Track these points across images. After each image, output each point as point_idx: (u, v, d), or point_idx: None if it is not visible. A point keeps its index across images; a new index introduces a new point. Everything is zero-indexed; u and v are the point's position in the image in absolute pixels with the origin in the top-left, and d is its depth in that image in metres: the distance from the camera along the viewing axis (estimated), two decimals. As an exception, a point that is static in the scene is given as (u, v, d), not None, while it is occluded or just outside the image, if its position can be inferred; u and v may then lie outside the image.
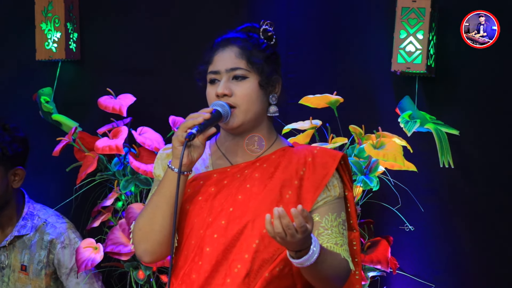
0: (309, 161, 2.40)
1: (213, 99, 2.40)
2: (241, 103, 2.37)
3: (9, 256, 3.39)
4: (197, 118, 2.30)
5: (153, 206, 2.37)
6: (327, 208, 2.39)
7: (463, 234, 3.37)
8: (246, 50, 2.40)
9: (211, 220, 2.36)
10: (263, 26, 2.48)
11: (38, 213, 3.43)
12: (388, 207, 3.35)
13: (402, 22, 3.27)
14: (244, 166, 2.42)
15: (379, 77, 3.43)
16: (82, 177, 3.42)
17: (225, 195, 2.38)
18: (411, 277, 3.39)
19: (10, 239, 3.38)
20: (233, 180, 2.41)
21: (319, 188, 2.37)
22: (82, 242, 3.36)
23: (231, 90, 2.37)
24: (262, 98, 2.41)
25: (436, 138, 3.26)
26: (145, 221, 2.38)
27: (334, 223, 2.38)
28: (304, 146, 2.49)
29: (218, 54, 2.41)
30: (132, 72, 3.72)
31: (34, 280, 3.39)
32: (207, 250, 2.34)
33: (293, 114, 3.39)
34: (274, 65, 2.45)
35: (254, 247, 2.32)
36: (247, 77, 2.39)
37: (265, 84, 2.41)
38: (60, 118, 3.72)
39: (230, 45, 2.41)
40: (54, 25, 3.71)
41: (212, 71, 2.41)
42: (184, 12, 3.67)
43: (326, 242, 2.35)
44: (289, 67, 3.50)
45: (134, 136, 3.41)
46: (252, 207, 2.35)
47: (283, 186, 2.37)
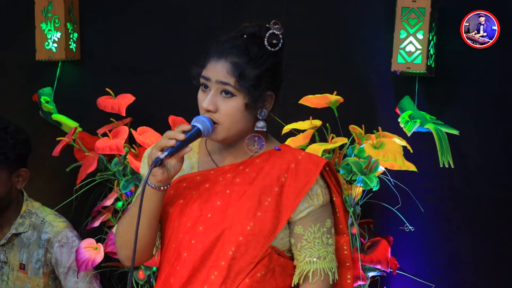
0: (292, 167, 2.35)
1: (200, 107, 2.34)
2: (224, 121, 2.31)
3: (8, 254, 3.40)
4: (170, 140, 2.25)
5: (132, 216, 2.35)
6: (310, 219, 2.35)
7: (463, 234, 3.37)
8: (238, 68, 2.29)
9: (190, 225, 2.34)
10: (271, 30, 2.34)
11: (36, 211, 3.42)
12: (388, 207, 3.35)
13: (402, 22, 3.28)
14: (228, 169, 2.38)
15: (379, 77, 3.43)
16: (82, 177, 3.43)
17: (205, 200, 2.35)
18: (411, 277, 3.39)
19: (8, 237, 3.38)
20: (215, 184, 2.37)
21: (300, 195, 2.33)
22: (82, 242, 3.36)
23: (217, 106, 2.30)
24: (248, 116, 2.33)
25: (436, 138, 3.26)
26: (124, 229, 2.38)
27: (317, 234, 2.35)
28: (290, 150, 2.42)
29: (212, 62, 2.32)
30: (132, 72, 3.72)
31: (32, 278, 3.38)
32: (185, 256, 2.32)
33: (293, 114, 3.39)
34: (270, 79, 2.34)
35: (230, 255, 2.29)
36: (234, 95, 2.30)
37: (252, 105, 2.32)
38: (60, 118, 3.73)
39: (225, 57, 2.31)
40: (54, 25, 3.71)
41: (204, 76, 2.34)
42: (184, 11, 3.67)
43: (308, 256, 2.34)
44: (289, 67, 3.49)
45: (134, 136, 3.41)
46: (229, 214, 2.32)
47: (263, 193, 2.33)
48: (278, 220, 2.32)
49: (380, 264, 3.21)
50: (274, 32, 2.34)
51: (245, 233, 2.30)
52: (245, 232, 2.30)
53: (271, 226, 2.31)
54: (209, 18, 3.61)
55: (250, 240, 2.30)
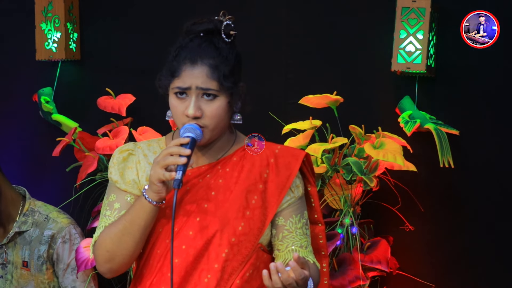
0: (272, 163, 2.36)
1: (181, 114, 2.30)
2: (210, 123, 2.29)
3: (11, 253, 3.40)
4: (178, 157, 2.20)
5: (124, 232, 2.29)
6: (290, 210, 2.37)
7: (463, 234, 3.37)
8: (216, 70, 2.27)
9: (177, 230, 2.31)
10: (225, 22, 2.37)
11: (39, 209, 3.44)
12: (388, 207, 3.35)
13: (402, 22, 3.28)
14: (205, 169, 2.36)
15: (379, 77, 3.43)
16: (82, 177, 3.43)
17: (190, 202, 2.33)
18: (411, 277, 3.39)
19: (11, 236, 3.39)
20: (196, 185, 2.35)
21: (284, 190, 2.34)
22: (82, 242, 3.36)
23: (202, 110, 2.28)
24: (229, 112, 2.34)
25: (436, 138, 3.26)
26: (114, 244, 2.31)
27: (298, 224, 2.37)
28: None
29: (186, 69, 2.28)
30: (132, 72, 3.72)
31: (36, 275, 3.39)
32: (176, 262, 2.29)
33: (293, 114, 3.39)
34: (239, 70, 2.35)
35: (224, 257, 2.29)
36: (217, 96, 2.29)
37: (234, 101, 2.32)
38: (60, 118, 3.73)
39: (200, 62, 2.28)
40: (54, 25, 3.72)
41: (180, 87, 2.29)
42: (184, 11, 3.67)
43: (291, 245, 2.36)
44: (289, 67, 3.50)
45: (134, 136, 3.41)
46: (219, 216, 2.31)
47: (248, 191, 2.33)
48: (265, 216, 2.33)
49: (380, 264, 3.21)
50: (227, 23, 2.37)
51: (237, 233, 2.30)
52: (237, 232, 2.30)
53: (260, 224, 2.33)
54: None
55: (242, 240, 2.31)
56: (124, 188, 2.37)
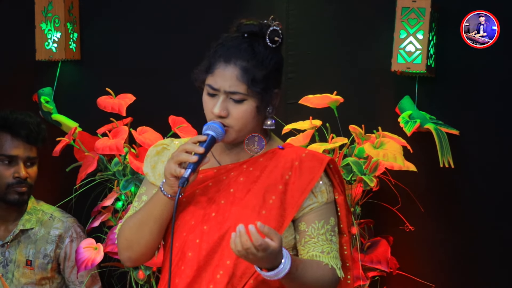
0: (296, 165, 2.35)
1: (209, 112, 2.32)
2: (236, 124, 2.31)
3: (13, 251, 3.41)
4: (191, 155, 2.24)
5: (141, 222, 2.35)
6: (313, 215, 2.34)
7: (463, 234, 3.37)
8: (247, 73, 2.27)
9: (193, 224, 2.33)
10: (272, 27, 2.33)
11: (42, 208, 3.47)
12: (388, 207, 3.35)
13: (402, 22, 3.27)
14: (231, 167, 2.38)
15: (379, 77, 3.43)
16: (82, 177, 3.43)
17: (208, 198, 2.35)
18: (411, 277, 3.39)
19: (15, 234, 3.40)
20: (218, 182, 2.36)
21: (304, 193, 2.33)
22: (82, 242, 3.37)
23: (228, 111, 2.30)
24: (258, 117, 2.34)
25: (436, 138, 3.26)
26: (132, 232, 2.38)
27: (321, 230, 2.34)
28: (293, 149, 2.41)
29: (220, 68, 2.30)
30: (132, 72, 3.72)
31: (39, 274, 3.41)
32: (189, 255, 2.31)
33: (293, 114, 3.39)
34: (276, 78, 2.35)
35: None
36: (245, 99, 2.29)
37: (263, 106, 2.33)
38: (60, 118, 3.73)
39: (233, 62, 2.28)
40: (54, 25, 3.72)
41: (211, 86, 2.31)
42: (184, 12, 3.67)
43: (312, 250, 2.33)
44: (289, 67, 3.50)
45: (134, 136, 3.41)
46: (234, 213, 2.31)
47: (267, 191, 2.33)
48: (284, 218, 2.31)
49: (380, 264, 3.21)
50: (274, 28, 2.33)
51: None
52: None
53: (276, 224, 2.30)
54: (209, 18, 3.61)
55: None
56: (153, 181, 2.43)
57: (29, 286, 3.40)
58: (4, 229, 3.44)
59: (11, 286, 3.40)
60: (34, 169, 3.44)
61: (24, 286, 3.40)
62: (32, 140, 3.39)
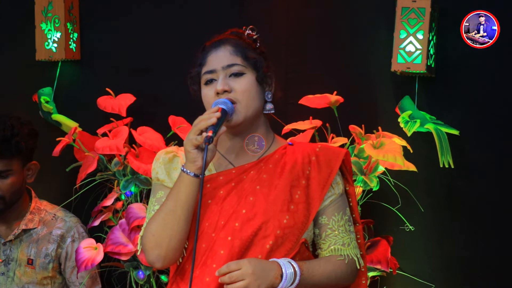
0: (313, 160, 2.44)
1: (212, 98, 2.40)
2: (242, 98, 2.39)
3: (15, 250, 3.42)
4: (209, 119, 2.30)
5: (167, 211, 2.36)
6: (333, 208, 2.44)
7: (463, 234, 3.37)
8: (240, 47, 2.43)
9: (223, 223, 2.38)
10: (247, 31, 2.51)
11: (45, 208, 3.47)
12: (388, 207, 3.35)
13: (402, 22, 3.28)
14: (249, 167, 2.44)
15: (379, 77, 3.43)
16: (82, 177, 3.43)
17: (235, 197, 2.40)
18: (411, 277, 3.39)
19: (17, 233, 3.40)
20: (240, 181, 2.42)
21: (326, 187, 2.42)
22: (82, 242, 3.37)
23: (230, 86, 2.39)
24: (260, 94, 2.44)
25: (436, 138, 3.26)
26: (158, 226, 2.36)
27: (341, 222, 2.44)
28: (304, 144, 2.51)
29: (211, 54, 2.44)
30: (132, 72, 3.72)
31: (40, 273, 3.41)
32: (221, 253, 2.35)
33: (293, 114, 3.39)
34: (265, 61, 2.48)
35: (268, 248, 2.35)
36: (244, 73, 2.41)
37: (262, 80, 2.44)
38: (60, 118, 3.73)
39: (223, 44, 2.44)
40: (54, 25, 3.71)
41: (207, 71, 2.42)
42: (183, 12, 3.67)
43: (333, 244, 2.42)
44: (289, 67, 3.50)
45: (134, 136, 3.41)
46: (264, 209, 2.37)
47: (292, 186, 2.41)
48: (309, 212, 2.40)
49: (380, 264, 3.21)
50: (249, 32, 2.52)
51: (282, 226, 2.36)
52: (282, 225, 2.36)
53: (304, 218, 2.39)
54: (209, 18, 3.61)
55: (286, 233, 2.36)
56: (171, 186, 2.45)
57: (31, 285, 3.41)
58: (6, 228, 3.44)
59: (12, 285, 3.41)
60: (7, 182, 3.29)
61: (26, 285, 3.41)
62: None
